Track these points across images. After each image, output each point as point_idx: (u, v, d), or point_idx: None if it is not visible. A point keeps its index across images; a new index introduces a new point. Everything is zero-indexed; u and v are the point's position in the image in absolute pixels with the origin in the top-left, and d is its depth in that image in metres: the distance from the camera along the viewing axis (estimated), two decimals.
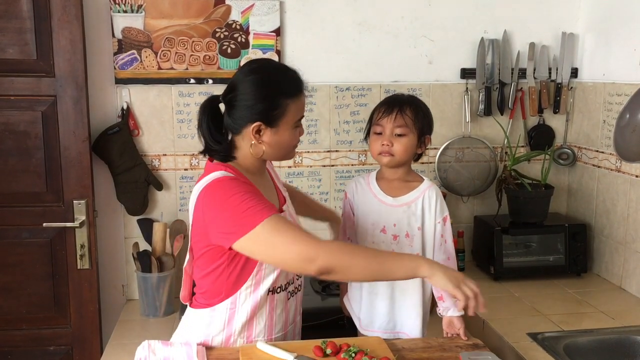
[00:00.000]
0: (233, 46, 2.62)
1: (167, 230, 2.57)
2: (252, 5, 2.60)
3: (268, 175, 1.83)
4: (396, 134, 1.82)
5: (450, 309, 1.84)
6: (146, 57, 2.58)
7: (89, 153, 2.45)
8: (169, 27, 2.57)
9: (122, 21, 2.54)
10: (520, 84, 2.85)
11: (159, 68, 2.60)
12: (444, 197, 1.94)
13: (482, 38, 2.79)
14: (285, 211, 1.79)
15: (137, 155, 2.60)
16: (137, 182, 2.59)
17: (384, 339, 1.77)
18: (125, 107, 2.59)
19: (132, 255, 2.55)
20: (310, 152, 2.76)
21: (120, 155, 2.55)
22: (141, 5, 2.54)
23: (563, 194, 2.95)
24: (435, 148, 2.79)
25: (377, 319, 1.91)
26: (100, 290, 2.58)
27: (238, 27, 2.61)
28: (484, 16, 2.79)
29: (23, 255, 2.48)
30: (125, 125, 2.57)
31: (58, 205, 2.47)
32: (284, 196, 1.84)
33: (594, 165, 2.75)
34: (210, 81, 2.64)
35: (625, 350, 2.06)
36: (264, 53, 2.64)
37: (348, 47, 2.73)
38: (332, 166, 2.78)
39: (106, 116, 2.59)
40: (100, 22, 2.53)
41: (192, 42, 2.59)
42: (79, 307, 2.52)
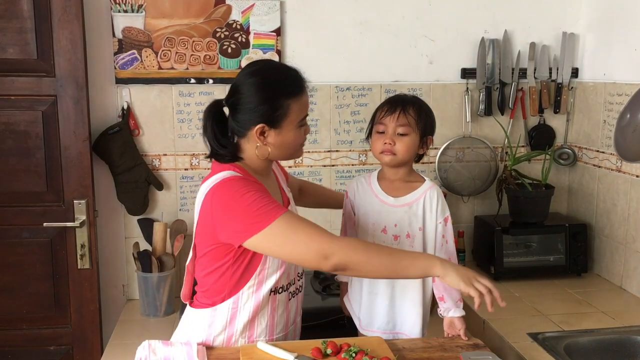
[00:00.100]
0: (233, 46, 2.62)
1: (168, 230, 2.57)
2: (253, 5, 2.60)
3: (273, 177, 1.83)
4: (398, 133, 1.82)
5: (451, 310, 1.84)
6: (146, 56, 2.58)
7: (90, 153, 2.45)
8: (169, 27, 2.57)
9: (123, 21, 2.54)
10: (521, 84, 2.85)
11: (160, 68, 2.59)
12: (444, 197, 1.94)
13: (482, 38, 2.79)
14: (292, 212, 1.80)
15: (138, 155, 2.60)
16: (138, 182, 2.59)
17: (384, 339, 1.77)
18: (125, 107, 2.59)
19: (133, 255, 2.55)
20: (311, 152, 2.75)
21: (120, 155, 2.55)
22: (141, 5, 2.54)
23: (563, 194, 2.95)
24: (435, 148, 2.78)
25: (376, 319, 1.91)
26: (101, 290, 2.58)
27: (238, 26, 2.61)
28: (484, 16, 2.79)
29: (23, 255, 2.48)
30: (126, 125, 2.57)
31: (58, 205, 2.47)
32: (288, 197, 1.85)
33: (594, 165, 2.75)
34: (210, 81, 2.63)
35: (625, 350, 2.06)
36: (264, 53, 2.64)
37: (348, 47, 2.73)
38: (333, 166, 2.78)
39: (106, 116, 2.59)
40: (100, 22, 2.53)
41: (193, 42, 2.59)
42: (80, 307, 2.52)
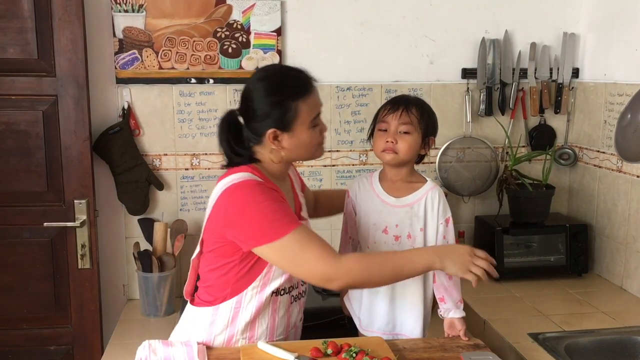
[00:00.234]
0: (234, 46, 2.62)
1: (168, 230, 2.57)
2: (253, 5, 2.60)
3: (289, 181, 1.85)
4: (401, 132, 1.81)
5: (451, 311, 1.84)
6: (147, 56, 2.57)
7: (90, 153, 2.45)
8: (170, 27, 2.57)
9: (123, 21, 2.54)
10: (522, 84, 2.84)
11: (160, 68, 2.59)
12: (445, 197, 1.94)
13: (483, 38, 2.79)
14: (304, 217, 1.82)
15: (138, 155, 2.60)
16: (138, 181, 2.59)
17: (384, 339, 1.77)
18: (126, 107, 2.59)
19: (133, 254, 2.55)
20: None
21: (121, 154, 2.55)
22: (142, 4, 2.54)
23: (564, 194, 2.95)
24: (436, 148, 2.78)
25: (376, 319, 1.91)
26: (101, 289, 2.58)
27: (239, 26, 2.61)
28: (485, 16, 2.79)
29: (24, 254, 2.48)
30: (126, 125, 2.57)
31: (59, 205, 2.47)
32: (300, 203, 1.86)
33: (595, 166, 2.75)
34: (211, 81, 2.63)
35: (626, 350, 2.06)
36: (264, 53, 2.64)
37: (349, 47, 2.72)
38: (333, 166, 2.78)
39: (107, 116, 2.59)
40: (101, 22, 2.53)
41: (193, 41, 2.59)
42: (80, 307, 2.52)
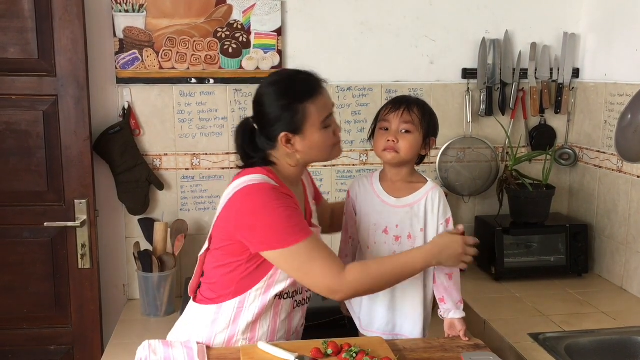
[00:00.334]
0: (234, 46, 2.62)
1: (168, 229, 2.57)
2: (254, 5, 2.60)
3: (302, 186, 1.85)
4: (402, 130, 1.81)
5: (451, 311, 1.84)
6: (147, 56, 2.57)
7: (90, 152, 2.45)
8: (170, 27, 2.57)
9: (124, 21, 2.54)
10: (522, 84, 2.84)
11: (161, 68, 2.59)
12: (445, 197, 1.94)
13: (483, 38, 2.79)
14: (315, 224, 1.83)
15: (138, 154, 2.60)
16: (138, 181, 2.59)
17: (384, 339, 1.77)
18: (126, 107, 2.59)
19: (133, 254, 2.55)
20: None
21: (121, 154, 2.55)
22: (142, 4, 2.54)
23: (564, 195, 2.95)
24: (436, 148, 2.78)
25: (376, 319, 1.91)
26: (101, 289, 2.58)
27: (239, 26, 2.61)
28: (485, 16, 2.79)
29: (24, 254, 2.48)
30: (127, 125, 2.57)
31: (59, 205, 2.47)
32: (311, 210, 1.87)
33: (595, 166, 2.75)
34: (211, 81, 2.63)
35: (626, 351, 2.06)
36: (265, 53, 2.64)
37: (349, 47, 2.72)
38: (333, 166, 2.78)
39: (107, 116, 2.59)
40: (101, 22, 2.53)
41: (194, 41, 2.59)
42: (80, 307, 2.52)
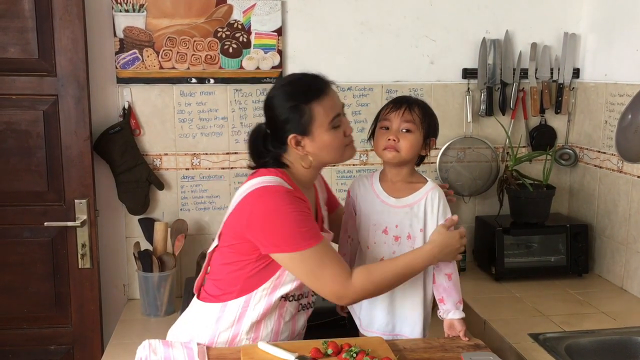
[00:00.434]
0: (235, 46, 2.62)
1: (168, 229, 2.57)
2: (254, 4, 2.60)
3: (314, 191, 1.86)
4: (403, 130, 1.81)
5: (450, 312, 1.84)
6: (148, 56, 2.57)
7: (91, 152, 2.45)
8: (170, 27, 2.57)
9: (124, 20, 2.54)
10: (522, 84, 2.84)
11: (161, 67, 2.59)
12: (446, 197, 1.93)
13: (484, 38, 2.79)
14: (326, 230, 1.83)
15: (139, 154, 2.60)
16: (139, 181, 2.59)
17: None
18: (126, 107, 2.59)
19: (133, 254, 2.55)
20: None
21: (121, 154, 2.55)
22: (143, 4, 2.54)
23: (564, 195, 2.95)
24: (436, 148, 2.77)
25: (376, 320, 1.91)
26: (102, 289, 2.58)
27: (240, 26, 2.61)
28: (485, 16, 2.79)
29: (24, 254, 2.48)
30: (127, 125, 2.57)
31: (59, 205, 2.47)
32: (322, 215, 1.87)
33: (595, 166, 2.75)
34: (211, 81, 2.63)
35: (626, 351, 2.06)
36: (265, 53, 2.63)
37: (349, 47, 2.72)
38: (334, 166, 2.77)
39: (108, 115, 2.59)
40: (101, 22, 2.53)
41: (194, 41, 2.59)
42: (80, 307, 2.52)
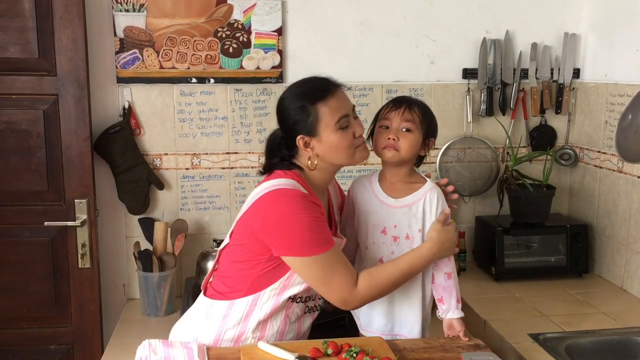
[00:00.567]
0: (235, 45, 2.62)
1: (168, 229, 2.57)
2: (254, 4, 2.60)
3: (327, 197, 1.86)
4: (403, 129, 1.81)
5: (449, 311, 1.84)
6: (148, 56, 2.57)
7: (91, 152, 2.45)
8: (170, 27, 2.57)
9: (124, 20, 2.54)
10: (522, 84, 2.84)
11: (161, 67, 2.59)
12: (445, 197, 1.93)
13: (484, 38, 2.78)
14: (340, 235, 1.83)
15: (139, 154, 2.60)
16: (139, 181, 2.59)
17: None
18: (126, 106, 2.59)
19: (133, 254, 2.55)
20: None
21: (121, 154, 2.55)
22: (143, 4, 2.54)
23: (565, 195, 2.94)
24: (436, 148, 2.78)
25: (375, 320, 1.91)
26: (101, 289, 2.58)
27: (240, 26, 2.61)
28: (486, 16, 2.79)
29: (24, 254, 2.48)
30: (127, 125, 2.57)
31: (59, 204, 2.47)
32: (336, 222, 1.88)
33: (595, 166, 2.75)
34: (212, 80, 2.63)
35: (626, 351, 2.06)
36: (265, 52, 2.63)
37: (350, 47, 2.72)
38: None
39: (108, 115, 2.59)
40: (102, 21, 2.53)
41: (194, 41, 2.59)
42: (80, 306, 2.52)
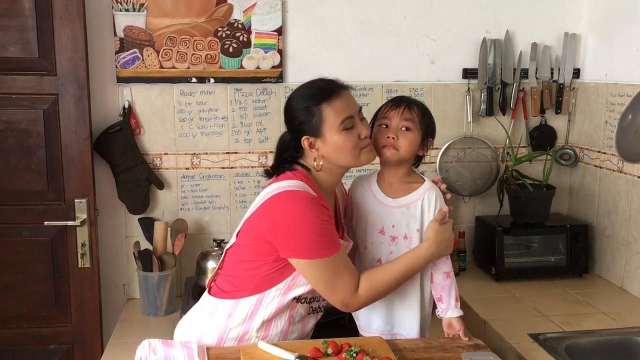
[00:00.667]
0: (235, 45, 2.62)
1: (168, 229, 2.57)
2: (254, 4, 2.60)
3: (334, 201, 1.86)
4: (402, 128, 1.80)
5: (449, 310, 1.84)
6: (148, 55, 2.57)
7: (91, 152, 2.45)
8: (170, 26, 2.57)
9: (124, 20, 2.54)
10: (522, 84, 2.84)
11: (161, 67, 2.59)
12: (444, 197, 1.93)
13: (484, 38, 2.78)
14: (347, 239, 1.84)
15: (139, 154, 2.60)
16: (139, 181, 2.59)
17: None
18: (126, 106, 2.59)
19: (133, 254, 2.55)
20: None
21: (121, 154, 2.55)
22: (143, 4, 2.54)
23: (565, 195, 2.94)
24: (436, 148, 2.78)
25: (374, 320, 1.91)
26: (101, 289, 2.58)
27: (240, 26, 2.61)
28: (486, 16, 2.79)
29: (24, 253, 2.48)
30: (127, 124, 2.57)
31: (59, 204, 2.47)
32: (343, 226, 1.88)
33: (595, 166, 2.75)
34: (211, 80, 2.63)
35: (626, 351, 2.06)
36: (265, 52, 2.63)
37: (350, 47, 2.72)
38: None
39: (108, 115, 2.59)
40: (102, 21, 2.53)
41: (194, 41, 2.59)
42: (80, 306, 2.52)
